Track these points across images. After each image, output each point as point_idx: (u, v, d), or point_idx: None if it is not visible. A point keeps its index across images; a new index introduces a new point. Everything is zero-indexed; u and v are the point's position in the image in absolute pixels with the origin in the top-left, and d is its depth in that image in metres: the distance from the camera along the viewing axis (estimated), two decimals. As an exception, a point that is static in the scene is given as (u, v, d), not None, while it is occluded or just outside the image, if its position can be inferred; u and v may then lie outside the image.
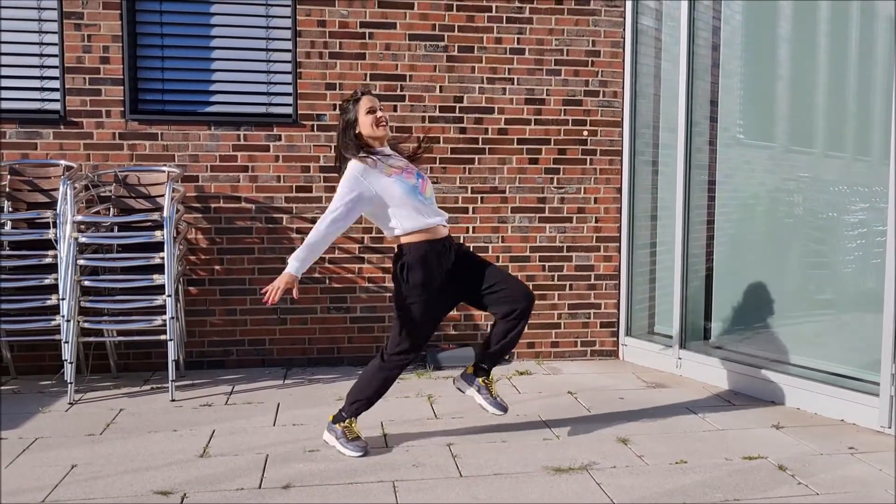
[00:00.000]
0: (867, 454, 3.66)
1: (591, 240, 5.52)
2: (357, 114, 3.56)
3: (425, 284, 3.54)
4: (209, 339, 5.21)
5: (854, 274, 4.53)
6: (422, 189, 3.59)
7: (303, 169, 5.22)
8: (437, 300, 3.61)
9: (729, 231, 5.18)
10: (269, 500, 3.14)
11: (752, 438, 3.88)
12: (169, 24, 5.13)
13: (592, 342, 5.57)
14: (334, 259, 5.28)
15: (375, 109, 3.56)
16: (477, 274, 3.67)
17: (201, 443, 3.79)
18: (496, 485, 3.30)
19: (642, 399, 4.59)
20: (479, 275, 3.66)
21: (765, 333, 4.88)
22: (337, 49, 5.20)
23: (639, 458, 3.60)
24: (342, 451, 3.62)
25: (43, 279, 4.53)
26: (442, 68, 5.28)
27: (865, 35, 4.46)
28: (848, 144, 4.65)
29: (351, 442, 3.63)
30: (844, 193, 4.61)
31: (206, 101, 5.20)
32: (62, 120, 5.00)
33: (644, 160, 5.53)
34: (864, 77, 4.46)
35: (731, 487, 3.27)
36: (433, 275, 3.55)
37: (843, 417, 4.16)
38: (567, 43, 5.40)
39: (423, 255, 3.53)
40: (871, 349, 4.10)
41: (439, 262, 3.57)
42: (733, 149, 5.14)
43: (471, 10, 5.29)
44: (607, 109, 5.48)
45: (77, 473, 3.40)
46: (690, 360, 5.05)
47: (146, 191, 4.90)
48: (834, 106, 4.65)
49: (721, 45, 5.13)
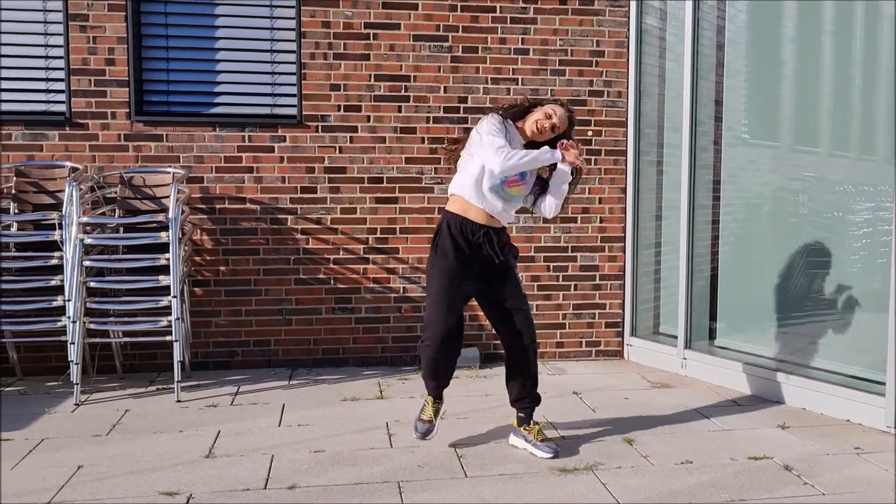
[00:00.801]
0: (873, 454, 3.66)
1: (595, 240, 5.52)
2: (535, 110, 3.63)
3: (445, 256, 3.55)
4: (214, 339, 5.22)
5: (859, 274, 4.52)
6: (508, 182, 3.58)
7: (307, 170, 5.23)
8: (454, 283, 3.58)
9: (734, 231, 5.17)
10: (274, 500, 3.14)
11: (758, 438, 3.88)
12: (174, 25, 5.15)
13: (597, 342, 5.57)
14: (339, 260, 5.28)
15: (552, 118, 3.59)
16: (500, 286, 3.66)
17: (207, 443, 3.80)
18: (501, 485, 3.30)
19: (647, 399, 4.58)
20: (501, 288, 3.66)
21: (770, 333, 4.87)
22: (341, 50, 5.20)
23: (644, 459, 3.60)
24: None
25: (49, 280, 4.55)
26: (446, 69, 5.29)
27: (869, 34, 4.46)
28: (853, 144, 4.65)
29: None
30: (850, 193, 4.60)
31: (211, 102, 5.21)
32: (67, 122, 5.01)
33: (648, 160, 5.53)
34: (869, 76, 4.45)
35: (736, 488, 3.27)
36: (454, 250, 3.55)
37: (849, 418, 4.16)
38: (571, 43, 5.40)
39: (448, 225, 3.57)
40: (876, 349, 4.09)
41: (466, 242, 3.56)
42: (738, 148, 5.13)
43: (475, 10, 5.29)
44: (612, 109, 5.48)
45: (83, 474, 3.41)
46: (696, 360, 5.04)
47: (151, 192, 4.91)
48: (838, 105, 4.64)
49: (726, 45, 5.11)
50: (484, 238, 3.57)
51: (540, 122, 3.58)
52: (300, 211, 5.25)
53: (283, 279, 5.25)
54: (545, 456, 3.61)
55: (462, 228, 3.56)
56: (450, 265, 3.55)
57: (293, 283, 5.26)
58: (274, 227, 5.23)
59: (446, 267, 3.55)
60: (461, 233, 3.56)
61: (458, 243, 3.55)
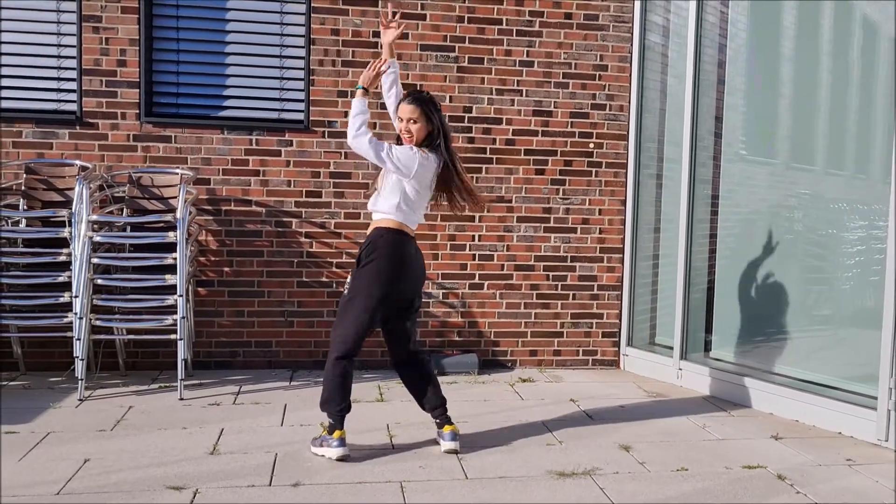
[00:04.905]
0: (865, 466, 3.74)
1: (594, 250, 5.61)
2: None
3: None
4: (217, 339, 5.28)
5: (852, 290, 4.62)
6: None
7: (313, 174, 5.31)
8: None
9: (731, 245, 5.27)
10: (279, 497, 3.21)
11: (752, 448, 3.96)
12: (185, 29, 5.23)
13: (594, 351, 5.65)
14: (341, 264, 5.35)
15: (403, 120, 3.72)
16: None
17: (211, 441, 3.86)
18: (501, 487, 3.37)
19: (643, 408, 4.66)
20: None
21: (764, 346, 4.96)
22: (350, 57, 5.29)
23: (640, 465, 3.68)
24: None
25: (56, 277, 4.60)
26: (452, 79, 5.38)
27: (867, 55, 4.57)
28: (848, 163, 4.75)
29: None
30: (844, 211, 4.70)
31: (220, 105, 5.29)
32: (78, 121, 5.08)
33: (648, 173, 5.62)
34: (865, 97, 4.56)
35: (731, 495, 3.35)
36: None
37: (841, 430, 4.24)
38: (575, 57, 5.50)
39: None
40: (868, 364, 4.19)
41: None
42: (736, 164, 5.23)
43: (482, 22, 5.39)
44: (613, 123, 5.57)
45: (90, 467, 3.46)
46: (691, 371, 5.13)
47: (159, 192, 4.98)
48: (834, 125, 4.75)
49: (727, 63, 5.22)
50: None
51: (400, 130, 3.72)
52: (305, 214, 5.32)
53: (286, 281, 5.32)
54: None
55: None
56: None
57: (296, 285, 5.33)
58: (278, 229, 5.30)
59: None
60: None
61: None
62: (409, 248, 3.71)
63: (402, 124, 3.70)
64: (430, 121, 3.67)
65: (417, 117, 3.66)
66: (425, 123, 3.67)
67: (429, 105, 3.69)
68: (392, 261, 3.63)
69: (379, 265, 3.62)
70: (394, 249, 3.64)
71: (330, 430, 3.66)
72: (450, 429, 3.80)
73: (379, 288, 3.62)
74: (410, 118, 3.67)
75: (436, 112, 3.70)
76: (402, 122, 3.70)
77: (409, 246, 3.72)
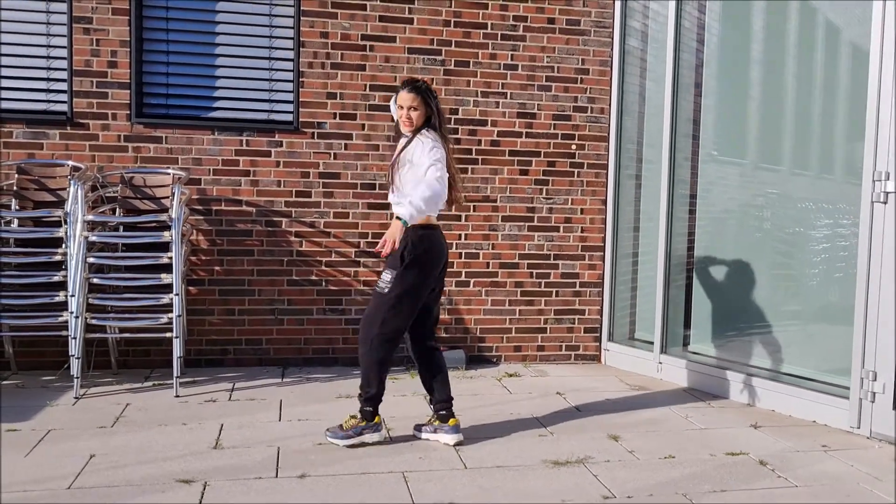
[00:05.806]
0: (839, 451, 3.96)
1: (576, 248, 5.78)
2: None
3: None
4: (207, 337, 5.35)
5: (818, 286, 4.84)
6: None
7: (303, 175, 5.40)
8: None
9: (706, 243, 5.47)
10: (287, 488, 3.31)
11: (733, 437, 4.16)
12: (175, 31, 5.28)
13: (577, 346, 5.83)
14: (331, 262, 5.45)
15: (403, 108, 3.88)
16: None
17: (212, 436, 3.94)
18: (500, 476, 3.51)
19: (627, 400, 4.84)
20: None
21: (741, 340, 5.17)
22: (338, 60, 5.39)
23: (630, 454, 3.85)
24: None
25: (51, 276, 4.63)
26: (439, 81, 5.50)
27: (831, 60, 4.79)
28: (813, 163, 4.97)
29: None
30: (810, 210, 4.92)
31: (210, 106, 5.35)
32: (69, 121, 5.11)
33: (628, 174, 5.81)
34: (829, 98, 4.77)
35: (717, 480, 3.53)
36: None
37: (815, 419, 4.46)
38: (558, 61, 5.66)
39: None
40: (839, 356, 4.41)
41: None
42: (710, 165, 5.43)
43: (468, 26, 5.52)
44: (595, 125, 5.75)
45: (96, 463, 3.53)
46: (670, 364, 5.32)
47: (152, 192, 5.03)
48: (800, 126, 4.97)
49: (703, 66, 5.42)
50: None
51: (400, 117, 3.89)
52: (294, 214, 5.41)
53: (276, 280, 5.40)
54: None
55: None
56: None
57: (286, 283, 5.42)
58: (269, 229, 5.38)
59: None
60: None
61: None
62: (441, 239, 3.94)
63: (402, 112, 3.85)
64: (427, 106, 3.86)
65: (417, 105, 3.83)
66: (424, 110, 3.85)
67: (426, 93, 3.87)
68: (431, 257, 3.86)
69: (422, 266, 3.82)
70: (431, 245, 3.85)
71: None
72: (454, 422, 3.95)
73: (426, 287, 3.88)
74: (411, 106, 3.83)
75: (433, 98, 3.90)
76: (402, 110, 3.85)
77: (441, 236, 3.95)
